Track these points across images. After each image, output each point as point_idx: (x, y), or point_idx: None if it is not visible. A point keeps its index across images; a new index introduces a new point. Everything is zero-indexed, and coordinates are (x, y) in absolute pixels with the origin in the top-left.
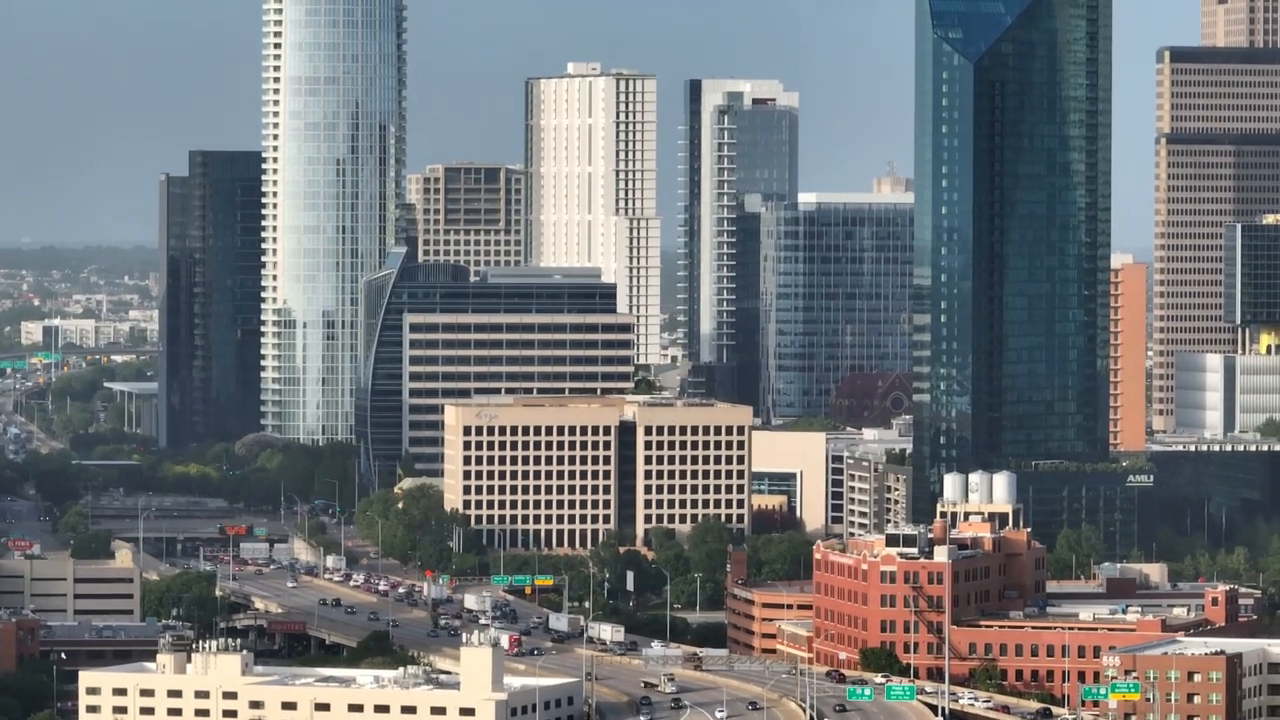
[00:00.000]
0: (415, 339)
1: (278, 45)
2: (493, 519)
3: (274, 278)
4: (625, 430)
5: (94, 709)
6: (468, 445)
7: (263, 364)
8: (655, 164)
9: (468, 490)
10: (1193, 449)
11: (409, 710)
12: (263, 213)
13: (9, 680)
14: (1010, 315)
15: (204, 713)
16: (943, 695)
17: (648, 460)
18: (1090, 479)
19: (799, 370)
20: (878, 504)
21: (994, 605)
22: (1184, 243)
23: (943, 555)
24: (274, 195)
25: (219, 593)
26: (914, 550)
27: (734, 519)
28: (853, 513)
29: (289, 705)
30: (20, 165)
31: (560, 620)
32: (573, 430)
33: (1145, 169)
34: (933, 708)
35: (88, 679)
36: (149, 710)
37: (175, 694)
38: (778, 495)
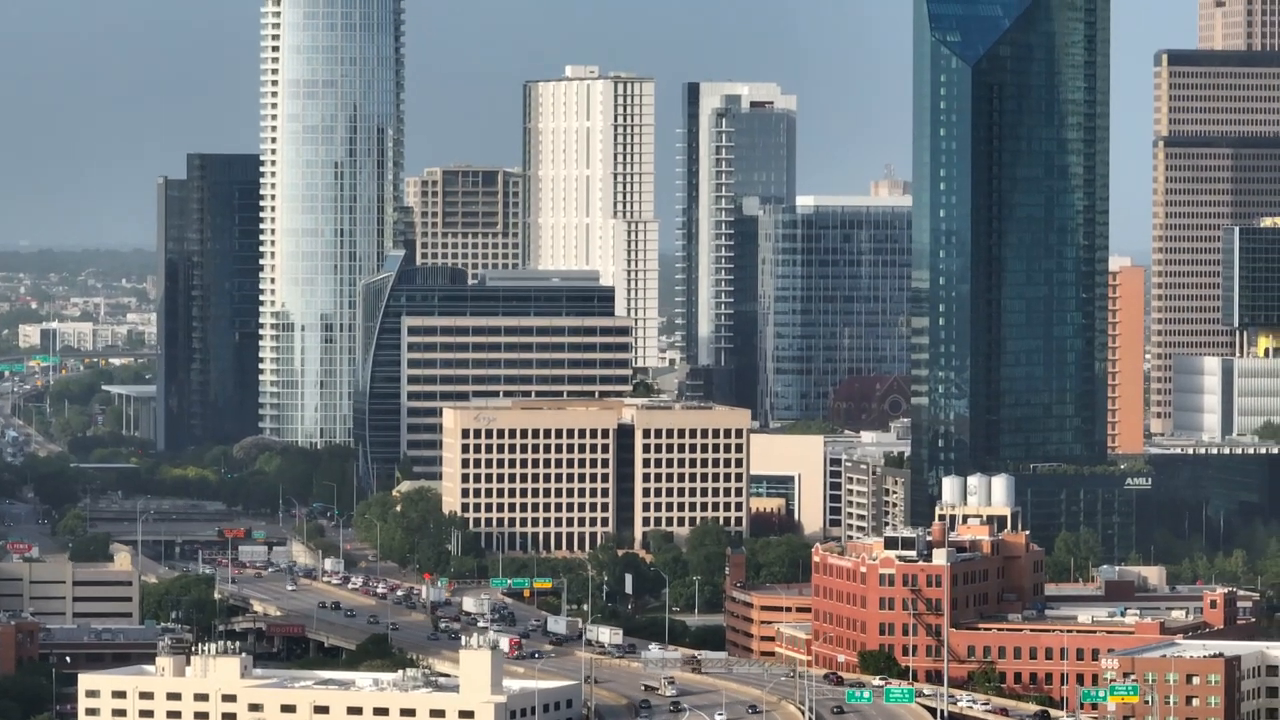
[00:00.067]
0: (413, 342)
1: (276, 48)
2: (491, 522)
3: (272, 281)
4: (623, 433)
5: (93, 712)
6: (466, 448)
7: (261, 367)
8: (653, 167)
9: (466, 493)
10: (1190, 452)
11: (408, 713)
12: (261, 216)
13: (8, 683)
14: (1008, 318)
15: (203, 715)
16: (941, 698)
17: (646, 463)
18: (1088, 482)
19: (797, 373)
20: (876, 507)
21: (992, 608)
22: (1182, 246)
23: (941, 558)
24: (272, 198)
25: (217, 596)
26: (912, 553)
27: (732, 522)
28: (851, 516)
29: (288, 708)
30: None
31: (559, 623)
32: (571, 433)
33: (1143, 172)
34: (931, 710)
35: (87, 682)
36: (148, 713)
37: (174, 697)
38: (776, 498)
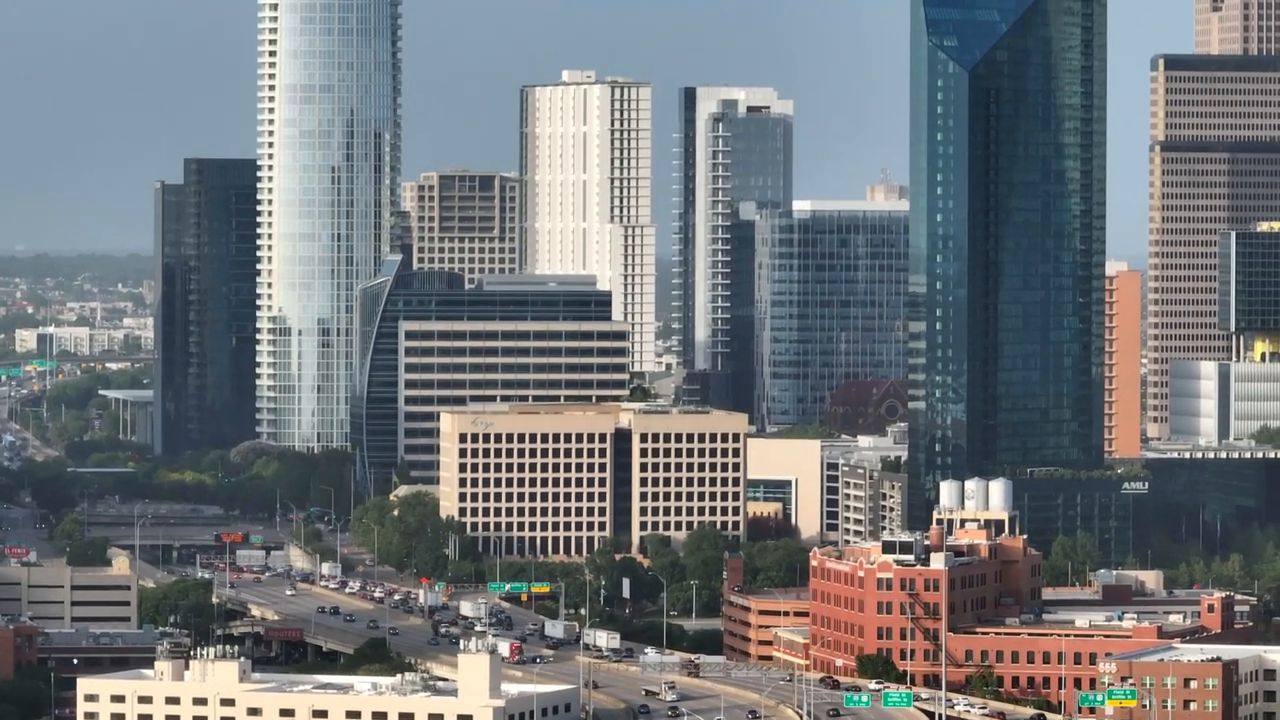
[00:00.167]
0: (411, 346)
1: (273, 53)
2: (488, 526)
3: (269, 285)
4: (621, 437)
5: (92, 716)
6: (463, 452)
7: (258, 371)
8: (650, 171)
9: (463, 497)
10: (1187, 456)
11: (406, 717)
12: (258, 220)
13: (6, 687)
14: (1005, 323)
15: (202, 719)
16: (939, 702)
17: (643, 467)
18: (1085, 486)
19: (794, 378)
20: (873, 511)
21: (990, 612)
22: (1178, 250)
23: (939, 562)
24: (269, 203)
25: (215, 600)
26: (910, 557)
27: (729, 526)
28: (848, 520)
29: (287, 712)
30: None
31: (556, 627)
32: (568, 437)
33: (1140, 177)
34: (929, 714)
35: (86, 686)
36: (147, 717)
37: (173, 701)
38: (773, 502)
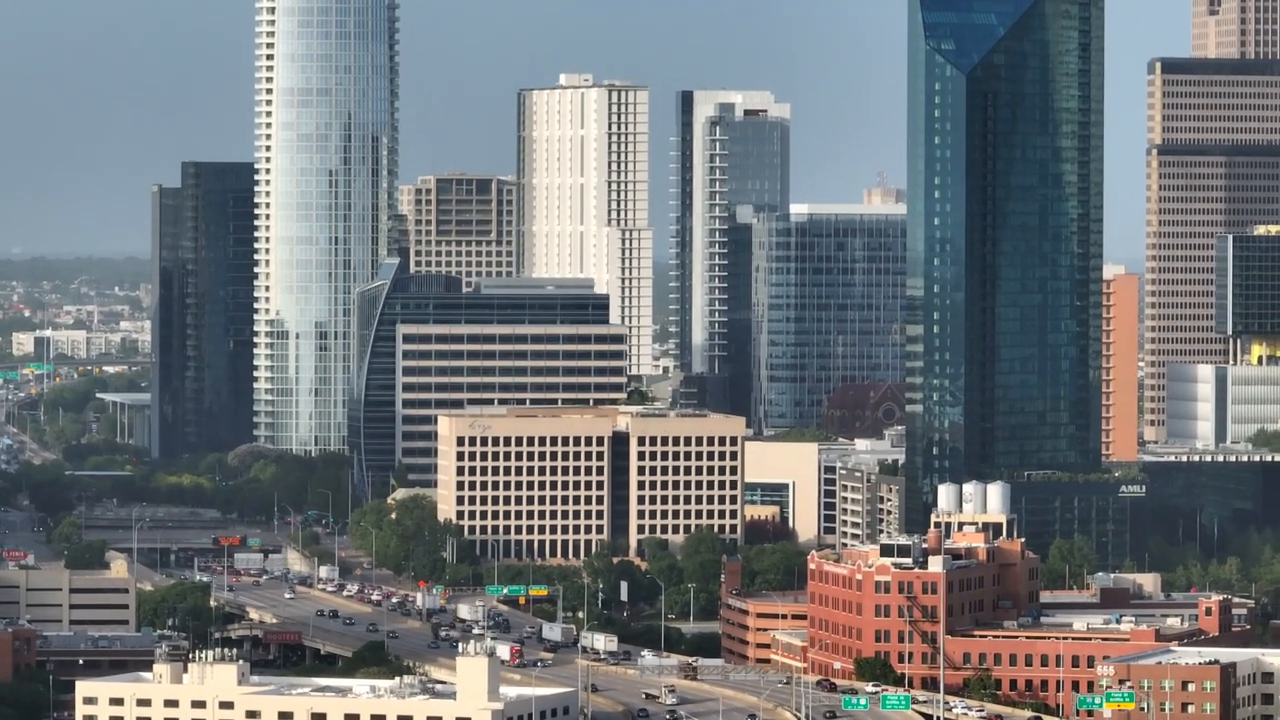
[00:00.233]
0: (408, 350)
1: (270, 56)
2: (486, 529)
3: (266, 289)
4: (618, 441)
5: (91, 718)
6: (461, 456)
7: (255, 375)
8: (647, 175)
9: (461, 501)
10: (1184, 459)
11: None
12: (255, 224)
13: (5, 690)
14: (1002, 326)
15: None
16: (937, 705)
17: (640, 471)
18: (1082, 489)
19: (791, 381)
20: (870, 515)
21: (988, 615)
22: (1175, 254)
23: (937, 565)
24: (266, 206)
25: (213, 603)
26: (908, 560)
27: (727, 529)
28: (845, 523)
29: (285, 715)
30: (11, 175)
31: (553, 630)
32: (566, 441)
33: (1137, 180)
34: (927, 717)
35: (84, 689)
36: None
37: (172, 704)
38: (770, 506)
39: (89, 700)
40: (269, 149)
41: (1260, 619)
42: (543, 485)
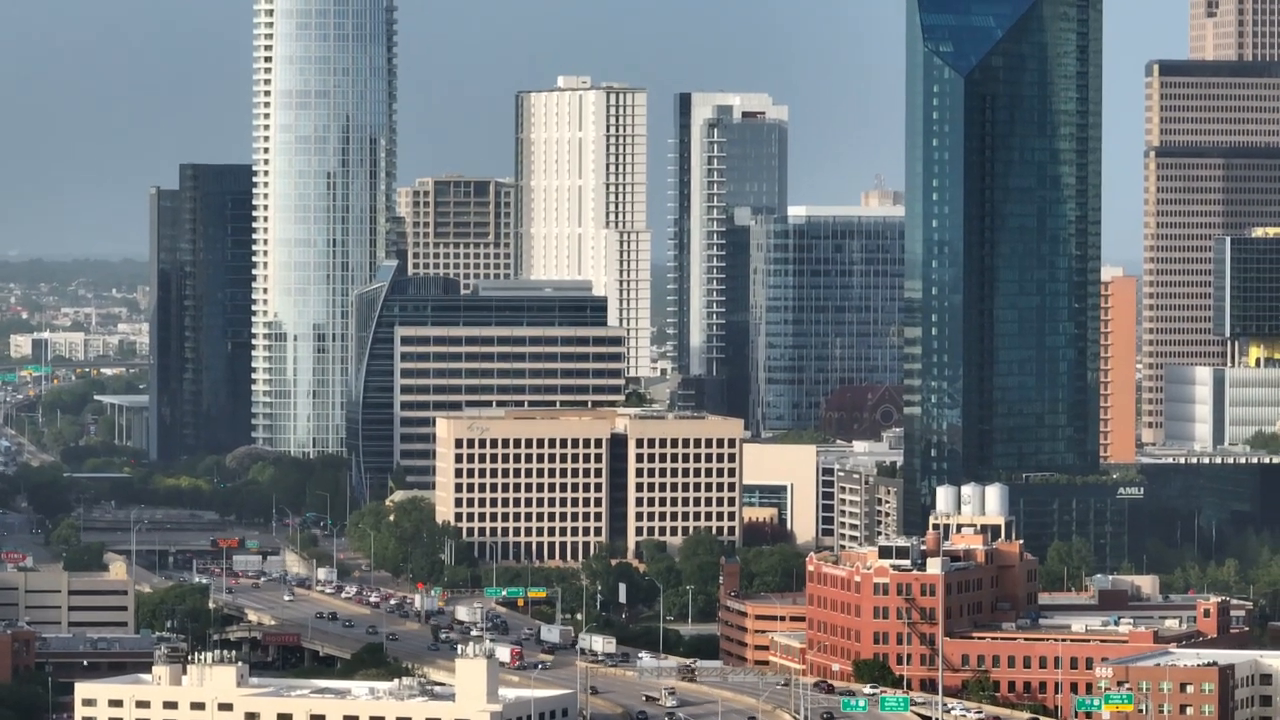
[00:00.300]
0: (406, 352)
1: (268, 59)
2: (484, 531)
3: (264, 291)
4: (616, 443)
5: None
6: (459, 458)
7: (253, 377)
8: (645, 177)
9: (459, 503)
10: (1182, 461)
11: None
12: (253, 226)
13: (5, 692)
14: (1000, 328)
15: None
16: (936, 707)
17: (639, 473)
18: (1081, 491)
19: (788, 383)
20: (868, 516)
21: (986, 617)
22: (1173, 256)
23: (936, 567)
24: (264, 208)
25: (212, 605)
26: (907, 562)
27: (725, 531)
28: (843, 525)
29: (284, 717)
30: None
31: (551, 632)
32: (564, 443)
33: (1135, 182)
34: (925, 719)
35: (83, 691)
36: None
37: (171, 706)
38: (768, 508)
39: (88, 702)
40: (267, 151)
41: (1258, 621)
42: (541, 487)
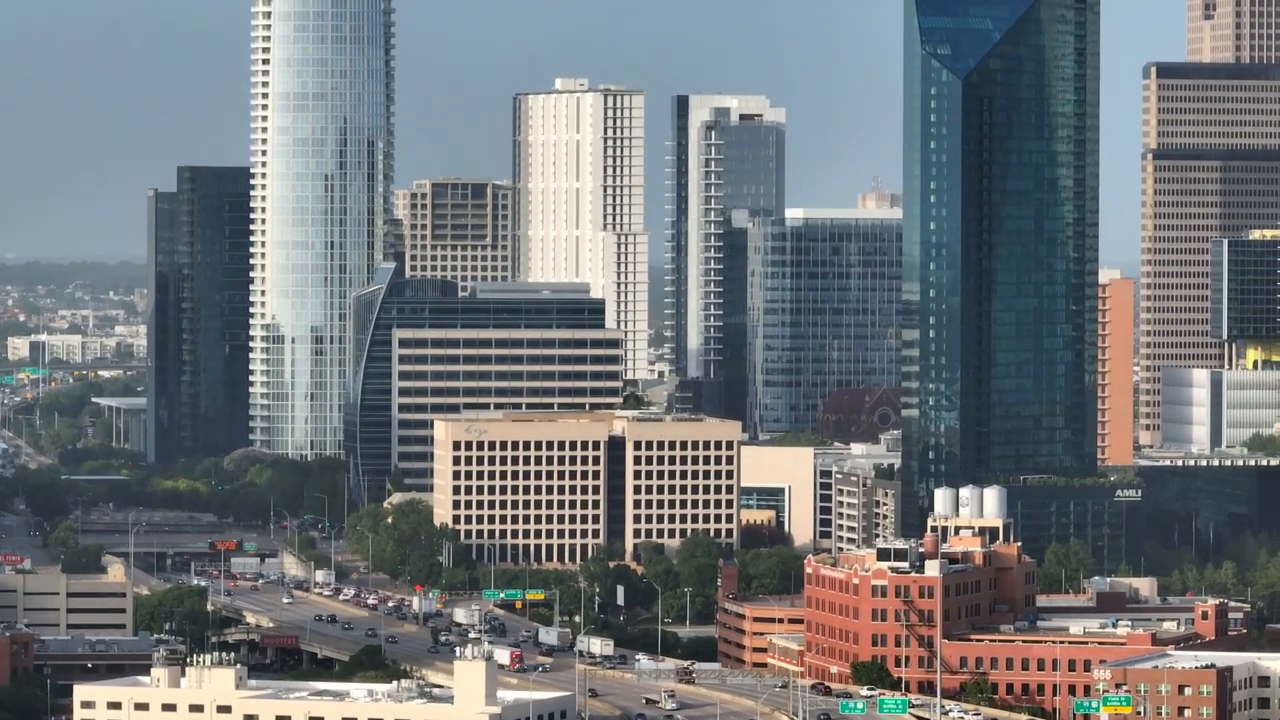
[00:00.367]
0: (404, 354)
1: (266, 61)
2: (482, 534)
3: (262, 293)
4: (614, 445)
5: None
6: (457, 460)
7: (251, 379)
8: (643, 179)
9: (457, 505)
10: (1180, 464)
11: None
12: (251, 228)
13: (3, 694)
14: (998, 330)
15: None
16: (934, 709)
17: (637, 475)
18: (1078, 494)
19: (786, 385)
20: (866, 519)
21: (984, 619)
22: (1171, 258)
23: (934, 569)
24: (262, 211)
25: (210, 607)
26: (905, 564)
27: (723, 533)
28: (841, 527)
29: (283, 719)
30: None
31: (550, 634)
32: (562, 445)
33: (1132, 184)
34: None
35: (82, 693)
36: None
37: (169, 708)
38: (766, 510)
39: (86, 704)
40: (265, 153)
41: (1256, 623)
42: (539, 489)
